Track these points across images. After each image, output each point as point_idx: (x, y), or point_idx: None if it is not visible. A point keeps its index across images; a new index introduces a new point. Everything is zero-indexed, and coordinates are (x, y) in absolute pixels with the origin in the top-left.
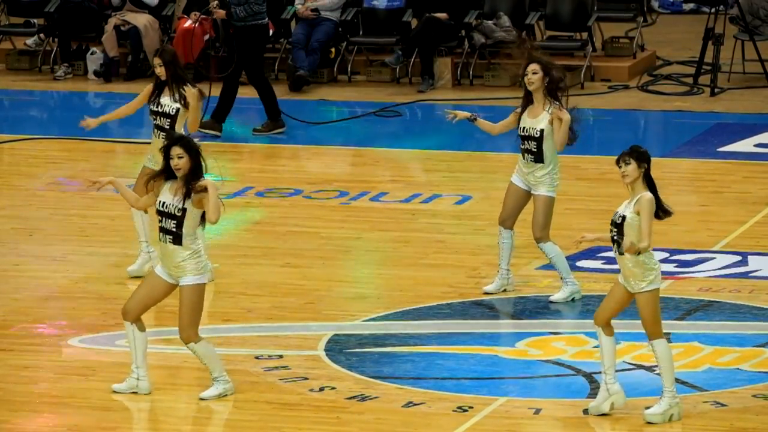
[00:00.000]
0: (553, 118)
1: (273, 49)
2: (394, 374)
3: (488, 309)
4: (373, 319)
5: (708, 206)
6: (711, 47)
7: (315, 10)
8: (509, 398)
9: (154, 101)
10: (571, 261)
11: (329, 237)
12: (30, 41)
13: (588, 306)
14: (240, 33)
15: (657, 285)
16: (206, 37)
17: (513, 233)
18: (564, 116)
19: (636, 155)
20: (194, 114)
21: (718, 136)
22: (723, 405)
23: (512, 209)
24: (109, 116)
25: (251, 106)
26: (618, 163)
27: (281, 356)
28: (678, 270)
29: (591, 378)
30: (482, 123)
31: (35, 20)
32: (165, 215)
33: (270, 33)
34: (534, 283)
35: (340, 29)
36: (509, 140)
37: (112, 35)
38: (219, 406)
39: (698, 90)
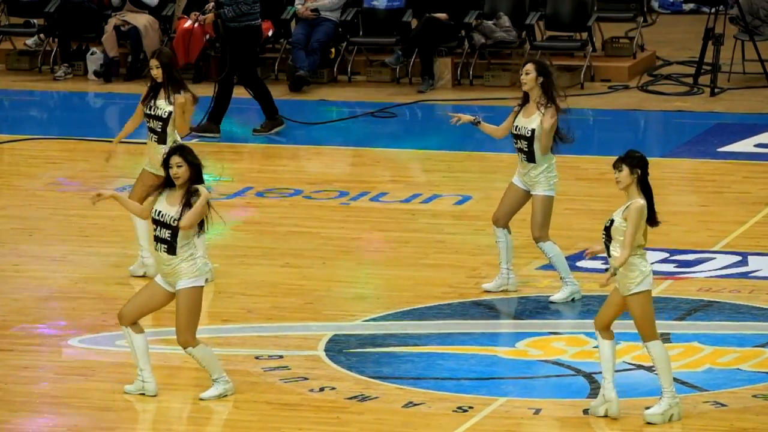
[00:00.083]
0: (542, 120)
1: (273, 50)
2: (394, 374)
3: (488, 309)
4: (373, 320)
5: (708, 206)
6: (711, 47)
7: (315, 11)
8: (509, 398)
9: (149, 104)
10: (571, 261)
11: (329, 237)
12: (30, 41)
13: (588, 306)
14: (232, 34)
15: (646, 287)
16: (206, 38)
17: (507, 232)
18: (545, 122)
19: (629, 161)
20: (180, 119)
21: (718, 137)
22: (723, 405)
23: (506, 208)
24: (118, 138)
25: (251, 107)
26: (613, 168)
27: (281, 356)
28: (678, 270)
29: (591, 378)
30: (485, 126)
31: (35, 20)
32: (160, 224)
33: (270, 33)
34: (534, 284)
35: (340, 29)
36: (509, 140)
37: (112, 35)
38: (219, 407)
39: (698, 90)
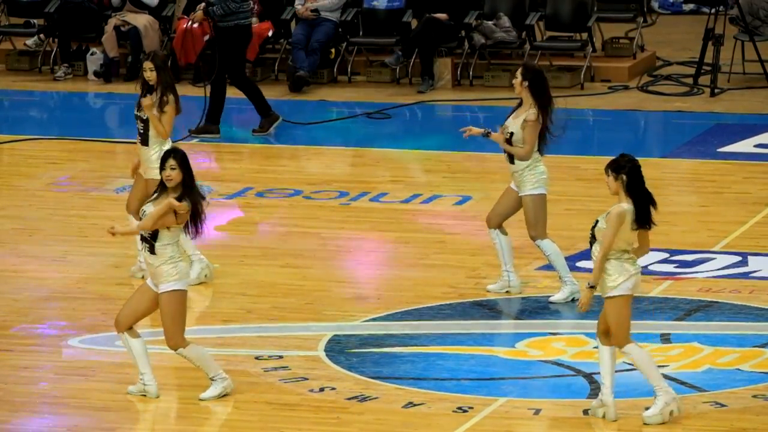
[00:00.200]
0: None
1: (273, 50)
2: (394, 375)
3: (488, 309)
4: (373, 320)
5: (708, 207)
6: (711, 48)
7: (315, 11)
8: (509, 399)
9: (138, 105)
10: (571, 262)
11: (329, 237)
12: (30, 42)
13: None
14: (221, 33)
15: (623, 292)
16: (206, 38)
17: (500, 233)
18: (497, 137)
19: (613, 166)
20: (154, 121)
21: (718, 137)
22: (723, 405)
23: (498, 208)
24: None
25: (250, 107)
26: (604, 172)
27: (281, 357)
28: (678, 270)
29: (591, 378)
30: (496, 136)
31: (35, 21)
32: None
33: (270, 34)
34: (534, 284)
35: (340, 30)
36: None
37: (112, 36)
38: (219, 407)
39: (698, 90)
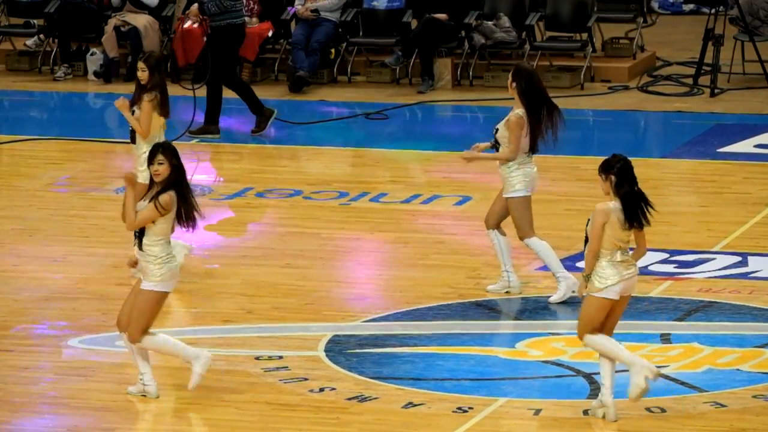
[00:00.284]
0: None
1: (273, 50)
2: (394, 375)
3: (488, 310)
4: (373, 320)
5: (708, 207)
6: (711, 48)
7: (315, 11)
8: (509, 399)
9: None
10: (571, 262)
11: (329, 238)
12: (30, 42)
13: None
14: (213, 33)
15: (605, 295)
16: (206, 38)
17: (498, 233)
18: (507, 123)
19: (604, 167)
20: (131, 121)
21: (718, 137)
22: (723, 406)
23: (494, 208)
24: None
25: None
26: None
27: (281, 357)
28: (678, 271)
29: (591, 379)
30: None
31: (35, 21)
32: None
33: (270, 34)
34: (534, 284)
35: (340, 30)
36: None
37: (112, 36)
38: (219, 407)
39: (698, 91)
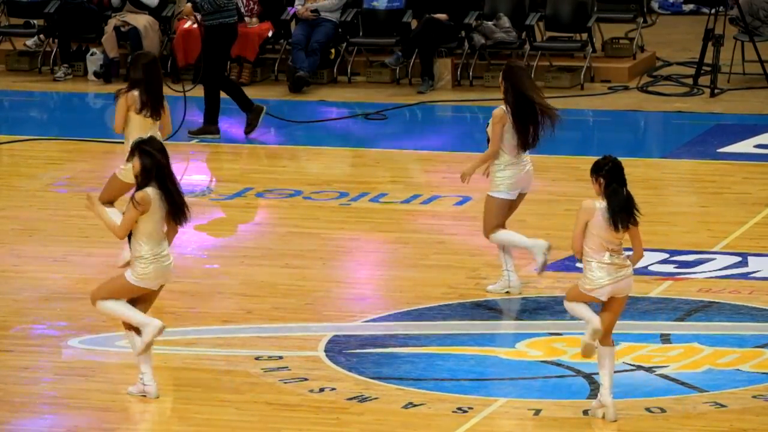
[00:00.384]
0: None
1: (273, 50)
2: (394, 375)
3: (488, 310)
4: (373, 320)
5: (708, 207)
6: (711, 48)
7: (315, 11)
8: (509, 399)
9: None
10: (571, 262)
11: (329, 238)
12: (30, 42)
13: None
14: (206, 32)
15: (592, 294)
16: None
17: (500, 231)
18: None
19: (594, 168)
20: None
21: (718, 137)
22: (723, 406)
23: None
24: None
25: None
26: None
27: (281, 357)
28: (678, 271)
29: (591, 379)
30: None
31: (35, 21)
32: None
33: (270, 34)
34: (534, 284)
35: (340, 30)
36: None
37: (112, 36)
38: (219, 407)
39: (698, 91)
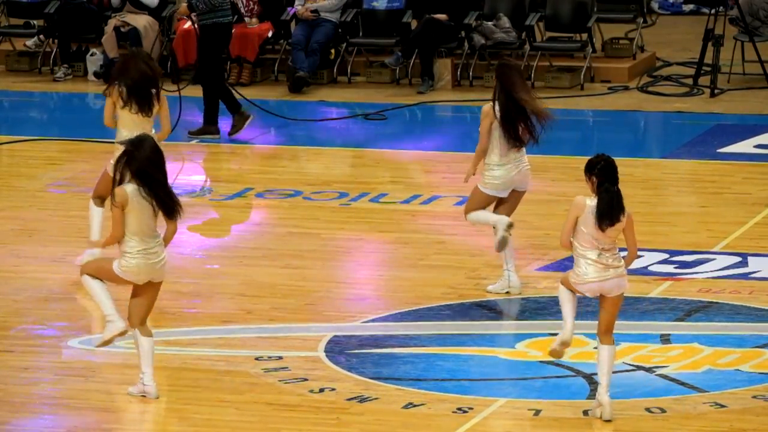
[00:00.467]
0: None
1: (273, 51)
2: (394, 375)
3: (488, 310)
4: (373, 321)
5: (708, 207)
6: (711, 48)
7: (315, 11)
8: (509, 399)
9: None
10: (570, 262)
11: (329, 238)
12: (30, 42)
13: (587, 307)
14: (201, 31)
15: (574, 287)
16: None
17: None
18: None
19: (587, 167)
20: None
21: (718, 137)
22: (723, 406)
23: (498, 207)
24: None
25: (251, 107)
26: None
27: (281, 357)
28: (678, 271)
29: (591, 379)
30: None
31: (35, 21)
32: None
33: (270, 34)
34: (534, 284)
35: (340, 30)
36: None
37: (112, 36)
38: (219, 407)
39: (698, 91)
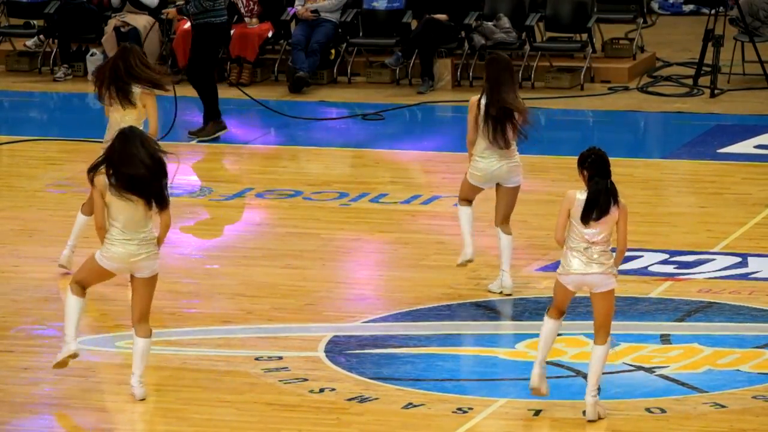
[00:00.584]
0: None
1: (273, 51)
2: (394, 375)
3: (488, 310)
4: (373, 321)
5: (708, 208)
6: (711, 48)
7: (315, 12)
8: (509, 399)
9: None
10: None
11: (329, 238)
12: (30, 42)
13: (588, 307)
14: (194, 31)
15: (560, 279)
16: None
17: (501, 231)
18: None
19: (579, 161)
20: None
21: (718, 138)
22: (723, 406)
23: (496, 205)
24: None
25: (251, 107)
26: None
27: (281, 357)
28: (678, 271)
29: None
30: None
31: (35, 21)
32: None
33: (270, 35)
34: (534, 285)
35: (340, 30)
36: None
37: (112, 36)
38: (219, 407)
39: (698, 91)
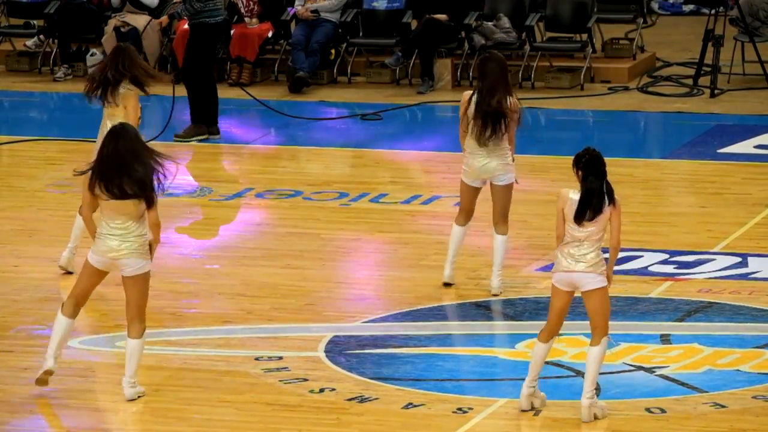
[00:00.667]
0: None
1: (273, 51)
2: (394, 375)
3: (488, 310)
4: (373, 321)
5: (708, 208)
6: (711, 48)
7: (315, 12)
8: (509, 399)
9: None
10: None
11: (329, 238)
12: (30, 42)
13: None
14: (190, 31)
15: (552, 279)
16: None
17: (495, 232)
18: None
19: (574, 160)
20: None
21: (718, 138)
22: (723, 406)
23: (493, 206)
24: None
25: (251, 107)
26: None
27: (281, 357)
28: (678, 271)
29: None
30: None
31: (35, 21)
32: None
33: (270, 35)
34: (533, 285)
35: (340, 30)
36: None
37: (112, 36)
38: (219, 407)
39: (698, 91)
